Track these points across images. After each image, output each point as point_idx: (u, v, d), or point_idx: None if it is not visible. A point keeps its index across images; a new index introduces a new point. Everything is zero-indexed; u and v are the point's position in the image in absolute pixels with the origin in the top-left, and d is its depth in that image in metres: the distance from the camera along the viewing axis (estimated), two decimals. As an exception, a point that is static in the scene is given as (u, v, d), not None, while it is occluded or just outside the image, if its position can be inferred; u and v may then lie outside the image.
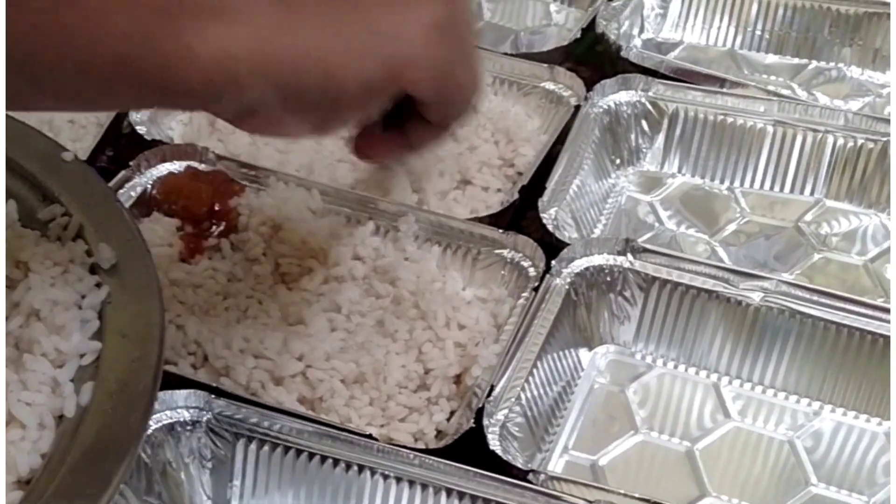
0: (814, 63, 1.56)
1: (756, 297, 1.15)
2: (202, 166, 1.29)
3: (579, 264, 1.18)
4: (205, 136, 1.35)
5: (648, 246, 1.19)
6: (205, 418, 1.01)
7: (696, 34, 1.60)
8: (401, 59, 0.81)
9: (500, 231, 1.21)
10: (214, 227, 1.23)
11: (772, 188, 1.38)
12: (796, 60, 1.57)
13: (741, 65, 1.56)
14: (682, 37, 1.59)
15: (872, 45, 1.54)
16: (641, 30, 1.57)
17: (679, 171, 1.41)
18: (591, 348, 1.20)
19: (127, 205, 1.23)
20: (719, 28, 1.59)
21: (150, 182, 1.27)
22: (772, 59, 1.57)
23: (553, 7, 1.66)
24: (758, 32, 1.58)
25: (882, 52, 1.54)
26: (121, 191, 1.25)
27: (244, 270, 1.20)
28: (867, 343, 1.13)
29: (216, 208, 1.24)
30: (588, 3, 1.63)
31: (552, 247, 1.20)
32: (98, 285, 0.92)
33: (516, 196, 1.26)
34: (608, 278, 1.19)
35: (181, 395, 1.01)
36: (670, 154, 1.41)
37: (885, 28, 1.53)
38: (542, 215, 1.24)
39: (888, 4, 1.53)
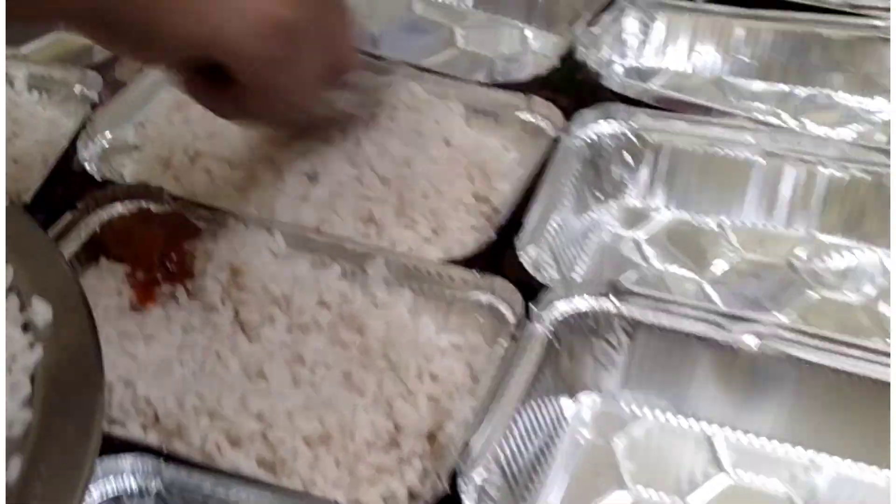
0: (802, 89, 1.49)
1: (750, 342, 1.07)
2: (155, 207, 1.20)
3: (561, 309, 1.10)
4: (158, 175, 1.27)
5: (634, 288, 1.12)
6: (154, 487, 0.92)
7: (679, 60, 1.52)
8: (223, 33, 0.99)
9: (476, 273, 1.13)
10: (168, 274, 1.15)
11: (763, 223, 1.30)
12: (784, 87, 1.49)
13: (727, 92, 1.49)
14: (665, 63, 1.52)
15: (862, 70, 1.47)
16: (622, 55, 1.50)
17: (665, 206, 1.33)
18: (573, 397, 1.12)
19: (73, 250, 1.15)
20: (703, 54, 1.52)
21: (99, 225, 1.19)
22: (759, 85, 1.50)
23: (529, 32, 1.58)
24: (744, 58, 1.51)
25: (873, 78, 1.47)
26: (68, 235, 1.16)
27: (201, 320, 1.11)
28: (867, 388, 1.05)
29: (170, 253, 1.16)
30: (566, 28, 1.55)
31: (531, 288, 1.12)
32: (31, 345, 0.83)
33: (493, 236, 1.18)
34: (592, 323, 1.11)
35: (128, 460, 0.93)
36: (655, 187, 1.33)
37: (875, 53, 1.46)
38: (519, 254, 1.16)
39: (878, 28, 1.46)
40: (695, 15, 1.52)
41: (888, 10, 1.47)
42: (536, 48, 1.56)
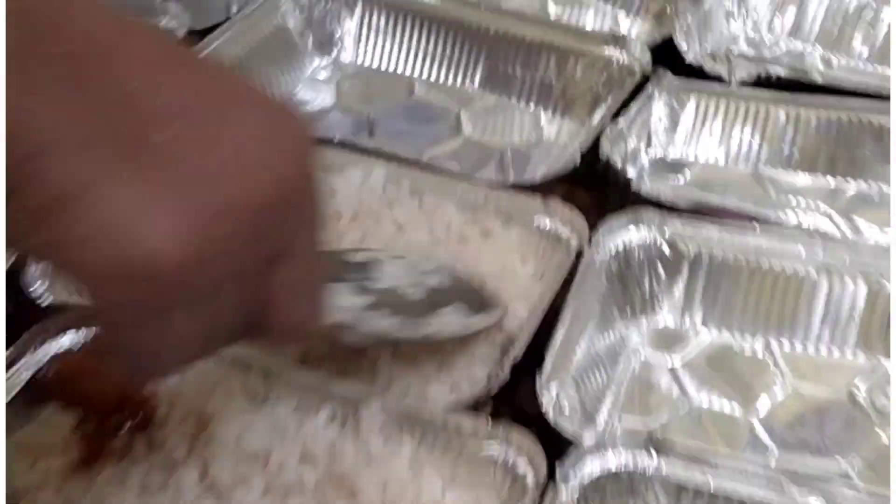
0: (852, 184, 1.32)
1: (816, 508, 0.90)
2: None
3: (591, 468, 0.93)
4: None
5: (676, 439, 0.95)
6: None
7: (711, 150, 1.35)
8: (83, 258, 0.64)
9: (488, 422, 0.96)
10: (124, 423, 0.97)
11: (818, 348, 1.13)
12: (831, 180, 1.32)
13: (766, 186, 1.32)
14: (696, 153, 1.35)
15: (922, 161, 1.30)
16: (648, 143, 1.32)
17: (703, 326, 1.16)
18: (606, 576, 0.94)
19: (10, 396, 0.98)
20: (740, 142, 1.34)
21: (46, 358, 1.01)
22: (803, 179, 1.32)
23: (544, 118, 1.41)
24: (785, 147, 1.33)
25: (932, 170, 1.30)
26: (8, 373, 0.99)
27: (161, 479, 0.94)
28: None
29: (128, 397, 0.98)
30: (585, 113, 1.39)
31: (554, 438, 0.96)
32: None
33: (505, 376, 1.01)
34: (627, 485, 0.94)
35: None
36: (692, 305, 1.16)
37: (934, 142, 1.29)
38: (540, 399, 0.99)
39: (937, 114, 1.29)
40: (729, 99, 1.34)
41: (948, 95, 1.30)
42: (551, 136, 1.39)
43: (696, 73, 1.37)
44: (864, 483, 0.92)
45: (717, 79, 1.36)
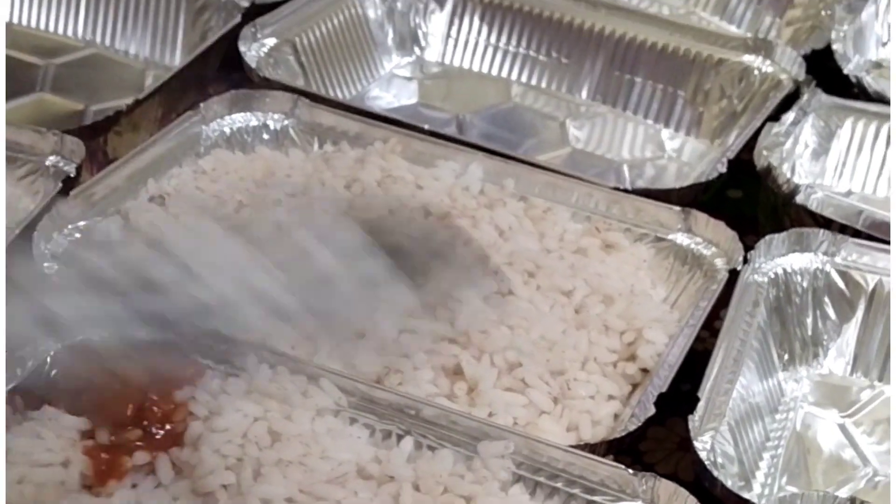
0: None
1: None
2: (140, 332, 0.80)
3: (770, 542, 0.69)
4: (151, 285, 0.87)
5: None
6: None
7: (869, 181, 1.12)
8: None
9: (627, 470, 0.72)
10: (147, 436, 0.74)
11: None
12: None
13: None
14: (850, 184, 1.12)
15: None
16: (792, 173, 1.10)
17: (879, 379, 0.92)
18: None
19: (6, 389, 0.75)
20: (903, 173, 1.12)
21: (52, 353, 0.78)
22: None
23: (666, 134, 1.19)
24: (961, 181, 1.11)
25: None
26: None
27: (190, 515, 0.70)
28: None
29: (153, 404, 0.75)
30: (715, 135, 1.17)
31: (710, 497, 0.72)
32: None
33: (651, 410, 0.77)
34: (819, 566, 0.69)
35: None
36: (867, 352, 0.92)
37: None
38: (695, 444, 0.74)
39: None
40: (888, 121, 1.12)
41: None
42: (673, 153, 1.17)
43: (851, 91, 1.15)
44: None
45: (879, 98, 1.14)
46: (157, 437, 0.75)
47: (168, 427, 0.75)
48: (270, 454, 0.73)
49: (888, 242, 0.94)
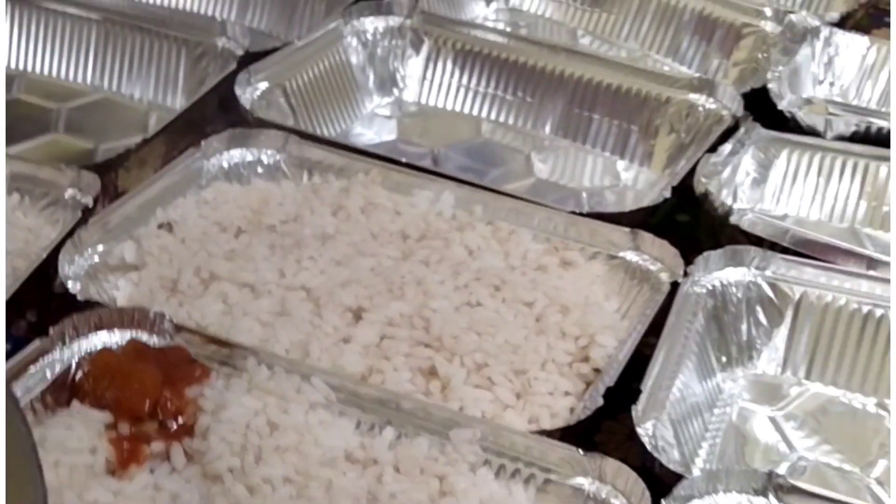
0: (960, 247, 1.21)
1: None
2: (153, 339, 0.91)
3: (701, 509, 0.80)
4: (161, 301, 0.98)
5: (799, 484, 0.81)
6: None
7: (803, 206, 1.24)
8: None
9: (578, 451, 0.83)
10: (163, 427, 0.85)
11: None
12: (938, 242, 1.21)
13: (865, 245, 1.20)
14: (787, 209, 1.24)
15: None
16: (734, 199, 1.22)
17: (807, 378, 1.03)
18: None
19: (38, 389, 0.87)
20: (835, 200, 1.24)
21: (77, 359, 0.89)
22: (905, 238, 1.22)
23: (621, 165, 1.31)
24: (885, 207, 1.23)
25: None
26: (31, 369, 0.87)
27: (200, 494, 0.81)
28: None
29: (167, 400, 0.86)
30: (665, 165, 1.29)
31: (654, 477, 0.83)
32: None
33: (600, 402, 0.89)
34: (743, 530, 0.81)
35: None
36: (795, 354, 1.04)
37: None
38: (638, 431, 0.86)
39: None
40: (824, 154, 1.24)
41: None
42: (629, 182, 1.29)
43: (787, 125, 1.27)
44: None
45: (812, 132, 1.27)
46: (171, 428, 0.86)
47: (180, 420, 0.86)
48: (269, 442, 0.84)
49: (812, 258, 1.06)
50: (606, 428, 0.95)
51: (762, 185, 1.25)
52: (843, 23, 1.52)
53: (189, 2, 1.51)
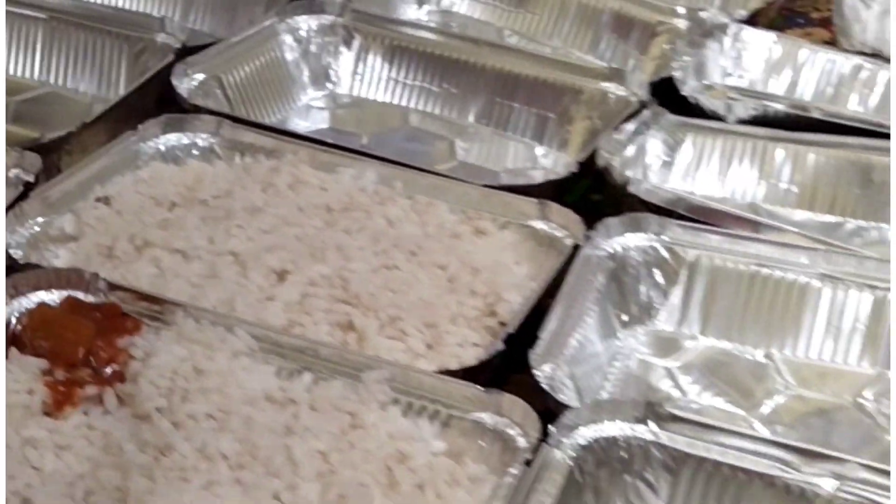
0: (851, 221, 1.30)
1: (828, 486, 0.85)
2: (89, 298, 0.98)
3: (586, 434, 0.88)
4: (97, 265, 1.05)
5: (679, 412, 0.89)
6: None
7: (709, 185, 1.33)
8: None
9: (480, 388, 0.91)
10: (96, 374, 0.92)
11: (820, 356, 1.09)
12: (831, 218, 1.30)
13: (762, 218, 1.29)
14: (693, 187, 1.33)
15: (923, 202, 1.29)
16: (644, 178, 1.30)
17: (701, 333, 1.12)
18: (600, 554, 0.88)
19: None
20: (737, 178, 1.33)
21: (17, 314, 0.96)
22: (801, 214, 1.31)
23: (539, 150, 1.40)
24: (783, 185, 1.32)
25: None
26: (-26, 323, 0.94)
27: (130, 432, 0.88)
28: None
29: (100, 350, 0.93)
30: (580, 149, 1.37)
31: (547, 411, 0.90)
32: None
33: (500, 346, 0.96)
34: (624, 454, 0.88)
35: None
36: (690, 311, 1.12)
37: (935, 183, 1.28)
38: (534, 372, 0.94)
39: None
40: (726, 136, 1.33)
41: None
42: (547, 165, 1.37)
43: (693, 111, 1.36)
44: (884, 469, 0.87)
45: (715, 117, 1.35)
46: (104, 375, 0.93)
47: (113, 367, 0.93)
48: (195, 384, 0.91)
49: (703, 223, 1.14)
50: (516, 380, 1.02)
51: (671, 167, 1.34)
52: (754, 21, 1.62)
53: (134, 3, 1.59)
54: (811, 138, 1.32)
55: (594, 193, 1.27)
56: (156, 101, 1.33)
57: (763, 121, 1.35)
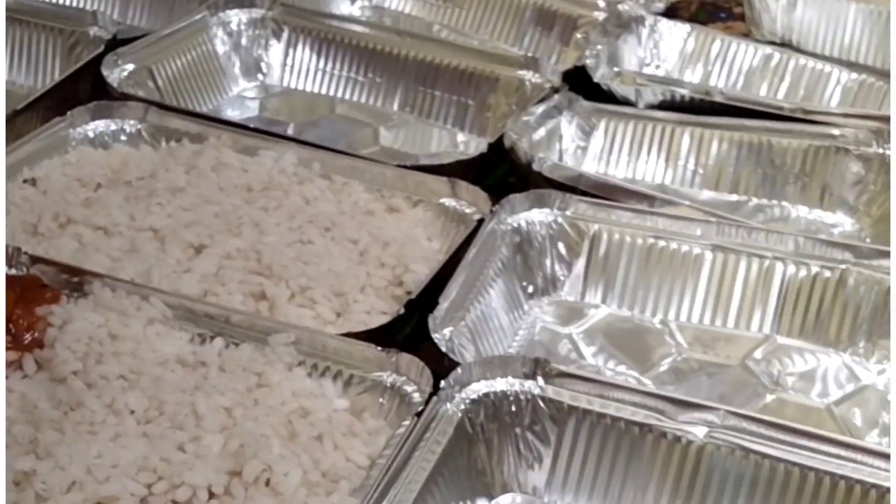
0: (754, 200, 1.37)
1: (699, 433, 0.91)
2: (11, 271, 1.03)
3: (476, 389, 0.94)
4: (21, 241, 1.10)
5: (564, 368, 0.95)
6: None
7: (620, 168, 1.39)
8: None
9: (380, 349, 0.96)
10: (14, 340, 0.97)
11: (713, 322, 1.15)
12: (734, 197, 1.37)
13: (658, 193, 1.35)
14: (604, 170, 1.39)
15: (819, 181, 1.35)
16: (560, 159, 1.36)
17: (603, 302, 1.18)
18: (491, 499, 0.93)
19: None
20: (646, 161, 1.39)
21: (-59, 285, 1.01)
22: (707, 194, 1.37)
23: (461, 137, 1.46)
24: (689, 167, 1.38)
25: (831, 190, 1.35)
26: None
27: (46, 394, 0.93)
28: (840, 491, 0.88)
29: (19, 317, 0.98)
30: (497, 133, 1.42)
31: (445, 370, 0.96)
32: None
33: (401, 310, 1.02)
34: (513, 408, 0.94)
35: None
36: (592, 282, 1.18)
37: (833, 163, 1.35)
38: (433, 335, 0.99)
39: (835, 137, 1.35)
40: (636, 121, 1.40)
41: (845, 116, 1.36)
42: (467, 150, 1.43)
43: (606, 97, 1.42)
44: (749, 416, 0.93)
45: (627, 102, 1.42)
46: (23, 341, 0.98)
47: (31, 334, 0.98)
48: (109, 348, 0.96)
49: (604, 198, 1.20)
50: (424, 347, 1.07)
51: (586, 151, 1.40)
52: (674, 14, 1.69)
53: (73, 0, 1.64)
54: (715, 121, 1.38)
55: (504, 171, 1.33)
56: (88, 91, 1.38)
57: (671, 106, 1.41)
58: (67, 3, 1.63)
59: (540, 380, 0.94)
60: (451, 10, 1.72)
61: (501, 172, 1.31)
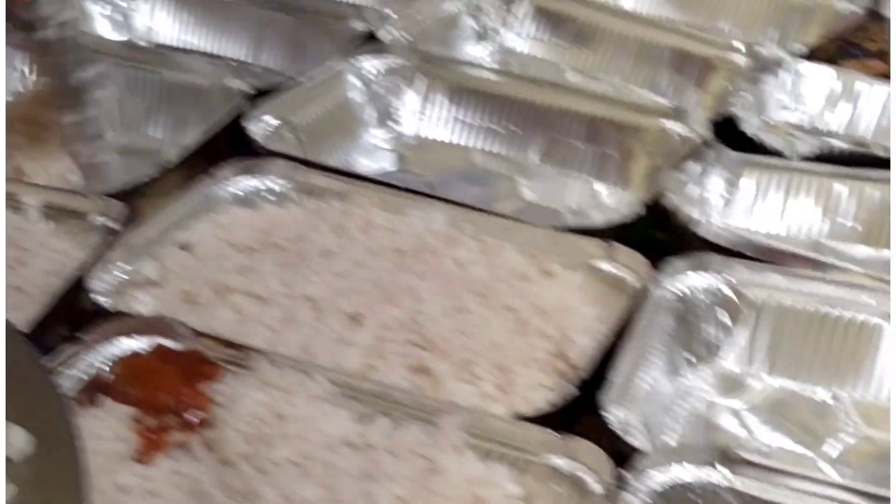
0: (917, 260, 1.31)
1: (897, 530, 0.86)
2: (174, 345, 1.02)
3: (658, 479, 0.90)
4: (180, 312, 1.09)
5: (751, 458, 0.91)
6: None
7: (771, 222, 1.35)
8: None
9: (554, 434, 0.93)
10: (182, 421, 0.96)
11: (889, 397, 1.10)
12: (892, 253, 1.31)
13: (827, 256, 1.30)
14: (755, 225, 1.34)
15: None
16: (707, 216, 1.32)
17: (768, 373, 1.13)
18: None
19: (72, 390, 0.97)
20: (799, 215, 1.34)
21: (107, 361, 1.00)
22: (864, 251, 1.32)
23: (597, 187, 1.42)
24: (847, 221, 1.33)
25: None
26: (66, 371, 0.98)
27: (216, 478, 0.92)
28: None
29: (185, 396, 0.97)
30: (641, 187, 1.39)
31: (619, 455, 0.93)
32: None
33: (573, 390, 0.99)
34: (697, 498, 0.90)
35: None
36: (756, 352, 1.14)
37: None
38: (606, 416, 0.96)
39: None
40: (788, 173, 1.35)
41: None
42: (609, 204, 1.39)
43: (754, 148, 1.38)
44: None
45: (777, 154, 1.37)
46: (190, 421, 0.97)
47: (198, 413, 0.97)
48: (278, 430, 0.94)
49: (767, 262, 1.16)
50: (585, 421, 1.04)
51: (732, 204, 1.36)
52: (813, 56, 1.63)
53: (208, 44, 1.64)
54: (873, 175, 1.33)
55: (656, 231, 1.29)
56: (225, 143, 1.37)
57: (825, 158, 1.36)
58: (203, 44, 1.63)
59: (723, 469, 0.91)
60: (582, 54, 1.68)
61: (646, 227, 1.27)
